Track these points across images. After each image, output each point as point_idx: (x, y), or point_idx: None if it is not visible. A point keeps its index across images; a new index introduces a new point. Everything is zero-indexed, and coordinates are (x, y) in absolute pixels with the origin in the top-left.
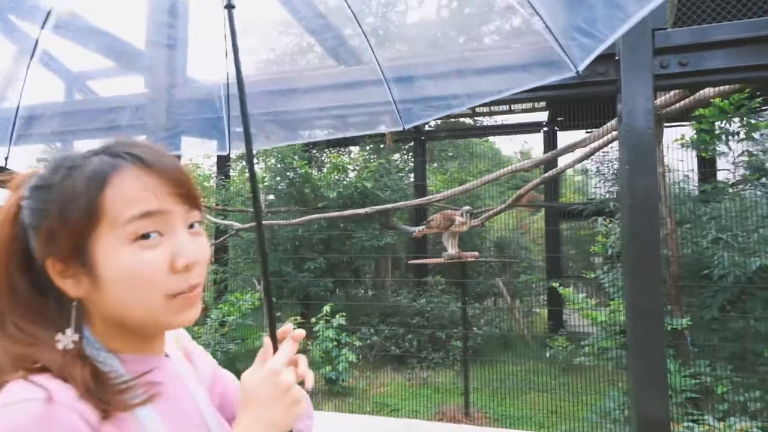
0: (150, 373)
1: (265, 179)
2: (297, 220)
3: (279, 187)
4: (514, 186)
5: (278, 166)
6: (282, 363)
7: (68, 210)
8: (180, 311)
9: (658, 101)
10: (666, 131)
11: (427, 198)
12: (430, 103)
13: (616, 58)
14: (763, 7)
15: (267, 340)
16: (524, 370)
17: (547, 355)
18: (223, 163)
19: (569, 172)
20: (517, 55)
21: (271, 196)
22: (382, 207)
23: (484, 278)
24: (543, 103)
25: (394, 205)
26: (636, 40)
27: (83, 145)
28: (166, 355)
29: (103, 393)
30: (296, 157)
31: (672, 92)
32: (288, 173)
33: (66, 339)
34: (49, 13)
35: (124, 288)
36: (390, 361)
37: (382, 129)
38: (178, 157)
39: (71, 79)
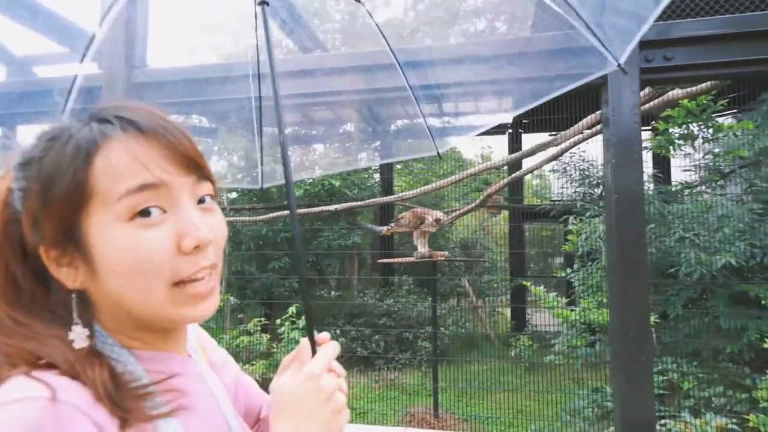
0: (174, 376)
1: (227, 176)
2: (262, 216)
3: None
4: (476, 188)
5: (242, 163)
6: (323, 367)
7: (50, 188)
8: (191, 302)
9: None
10: None
11: (395, 196)
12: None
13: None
14: (753, 2)
15: (305, 342)
16: (490, 369)
17: (512, 354)
18: None
19: (527, 176)
20: (557, 54)
21: (234, 194)
22: (351, 204)
23: (450, 278)
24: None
25: (363, 202)
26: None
27: (27, 130)
28: (189, 356)
29: (122, 398)
30: None
31: (642, 93)
32: None
33: (78, 335)
34: None
35: (122, 274)
36: (356, 362)
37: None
38: None
39: (15, 63)
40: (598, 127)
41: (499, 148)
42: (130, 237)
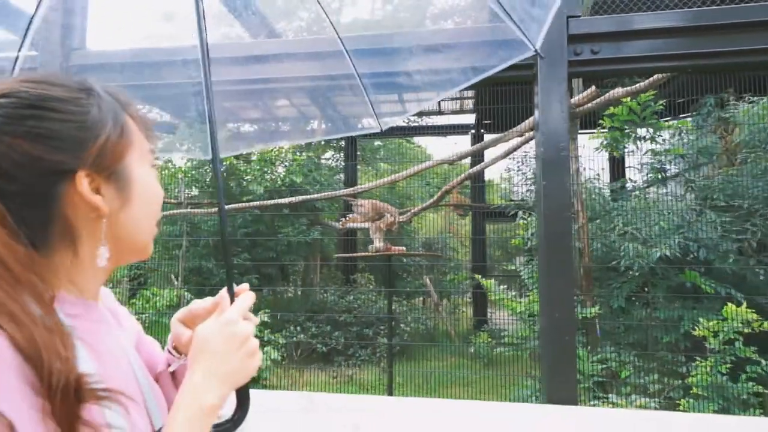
0: (84, 316)
1: (189, 172)
2: (215, 209)
3: (201, 178)
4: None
5: (202, 157)
6: (239, 313)
7: (117, 126)
8: (152, 240)
9: (573, 99)
10: (581, 137)
11: (352, 189)
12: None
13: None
14: None
15: (224, 292)
16: (448, 365)
17: (471, 350)
18: None
19: (495, 179)
20: (480, 42)
21: (195, 191)
22: (307, 197)
23: (413, 277)
24: (471, 105)
25: (319, 195)
26: (552, 26)
27: None
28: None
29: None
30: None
31: (585, 92)
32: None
33: (102, 255)
34: None
35: (148, 203)
36: (316, 359)
37: (361, 131)
38: None
39: None
40: None
41: (463, 148)
42: (154, 179)
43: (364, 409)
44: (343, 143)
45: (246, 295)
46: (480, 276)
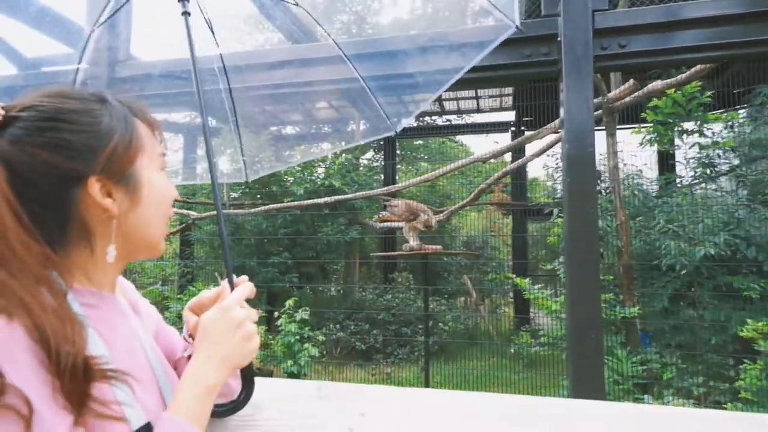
0: (98, 306)
1: (229, 173)
2: (256, 209)
3: (244, 182)
4: (488, 189)
5: (226, 158)
6: (235, 300)
7: (127, 134)
8: (164, 238)
9: (610, 94)
10: (623, 132)
11: (387, 188)
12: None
13: (559, 39)
14: None
15: (224, 283)
16: (487, 365)
17: (512, 350)
18: (188, 157)
19: (540, 176)
20: (466, 30)
21: (235, 194)
22: (343, 197)
23: (454, 276)
24: (510, 102)
25: (355, 195)
26: (576, 22)
27: None
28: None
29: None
30: None
31: (623, 86)
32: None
33: (111, 253)
34: None
35: (157, 204)
36: (355, 356)
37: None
38: None
39: (26, 65)
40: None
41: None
42: (164, 181)
43: (372, 397)
44: (382, 143)
45: (243, 286)
46: (513, 275)
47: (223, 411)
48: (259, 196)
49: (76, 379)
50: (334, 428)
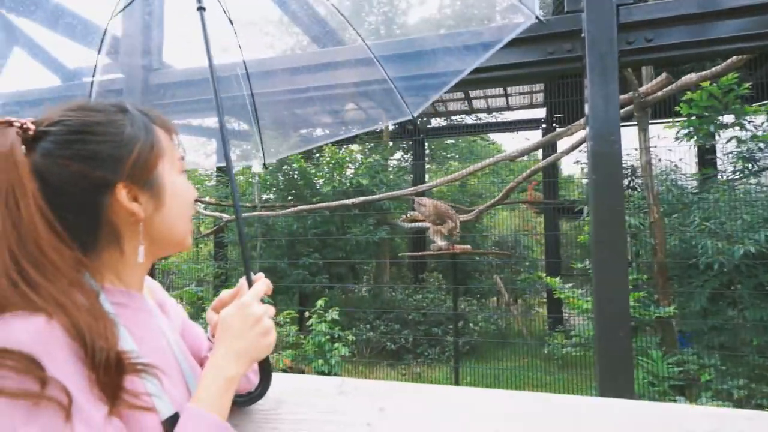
0: (128, 304)
1: (262, 175)
2: (285, 211)
3: (276, 182)
4: (521, 188)
5: (274, 161)
6: (253, 297)
7: (148, 141)
8: (190, 234)
9: (642, 88)
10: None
11: (413, 188)
12: (426, 82)
13: (582, 35)
14: None
15: (242, 281)
16: (519, 366)
17: (545, 351)
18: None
19: (576, 173)
20: (482, 18)
21: (267, 195)
22: (370, 198)
23: (485, 276)
24: (541, 99)
25: (382, 195)
26: (600, 17)
27: None
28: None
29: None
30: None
31: (656, 80)
32: (284, 167)
33: (141, 253)
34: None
35: (180, 206)
36: (385, 356)
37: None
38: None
39: (68, 75)
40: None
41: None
42: (185, 183)
43: (391, 393)
44: (410, 143)
45: (260, 282)
46: (543, 274)
47: (242, 402)
48: (290, 198)
49: (109, 372)
50: (353, 423)
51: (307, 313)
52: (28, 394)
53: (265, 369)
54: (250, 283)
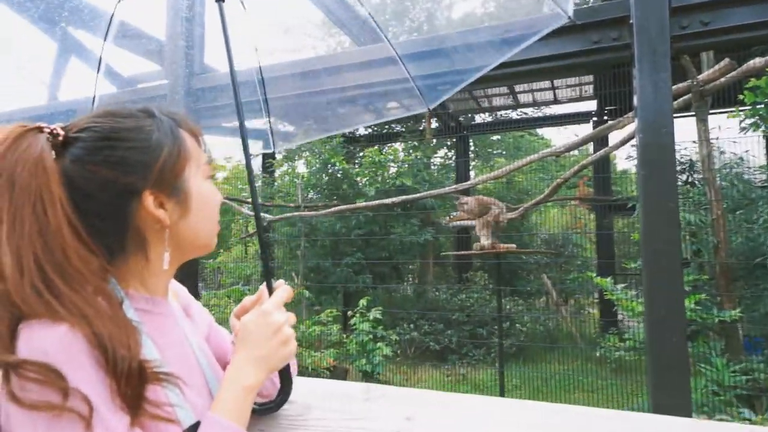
0: (152, 311)
1: (304, 176)
2: (327, 210)
3: (319, 183)
4: (571, 184)
5: (317, 162)
6: (275, 305)
7: (175, 146)
8: (215, 235)
9: (701, 76)
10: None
11: (457, 186)
12: (445, 79)
13: (630, 21)
14: None
15: (263, 287)
16: (570, 369)
17: (597, 354)
18: (266, 162)
19: (631, 168)
20: (513, 15)
21: (311, 195)
22: (412, 197)
23: (533, 276)
24: (590, 91)
25: (424, 194)
26: (650, 1)
27: None
28: (168, 302)
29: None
30: (334, 152)
31: (717, 66)
32: (328, 168)
33: (166, 259)
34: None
35: (207, 211)
36: (429, 357)
37: (407, 112)
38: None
39: (124, 83)
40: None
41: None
42: (211, 188)
43: (419, 401)
44: (454, 140)
45: (282, 289)
46: (594, 274)
47: (262, 410)
48: (334, 198)
49: (131, 381)
50: (379, 430)
51: (349, 313)
52: (50, 405)
53: (285, 378)
54: (271, 290)
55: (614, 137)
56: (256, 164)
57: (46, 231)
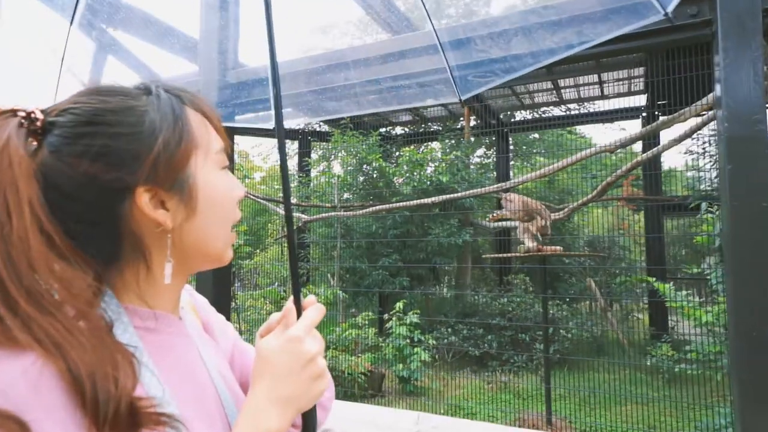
0: (156, 329)
1: (340, 176)
2: (363, 210)
3: (355, 182)
4: (615, 183)
5: (353, 160)
6: (306, 330)
7: (176, 130)
8: (230, 246)
9: None
10: None
11: (498, 185)
12: (490, 68)
13: None
14: None
15: (290, 305)
16: (619, 379)
17: (648, 363)
18: (302, 162)
19: (679, 166)
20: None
21: (347, 195)
22: (449, 196)
23: (576, 279)
24: (641, 85)
25: (464, 193)
26: None
27: None
28: (180, 318)
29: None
30: (371, 151)
31: None
32: (365, 166)
33: (168, 273)
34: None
35: (215, 211)
36: (468, 362)
37: (437, 101)
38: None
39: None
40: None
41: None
42: (225, 180)
43: None
44: (494, 138)
45: (314, 309)
46: (654, 279)
47: None
48: (370, 198)
49: (119, 426)
50: None
51: (386, 316)
52: None
53: (310, 417)
54: (300, 309)
55: (664, 133)
56: (292, 164)
57: (8, 240)
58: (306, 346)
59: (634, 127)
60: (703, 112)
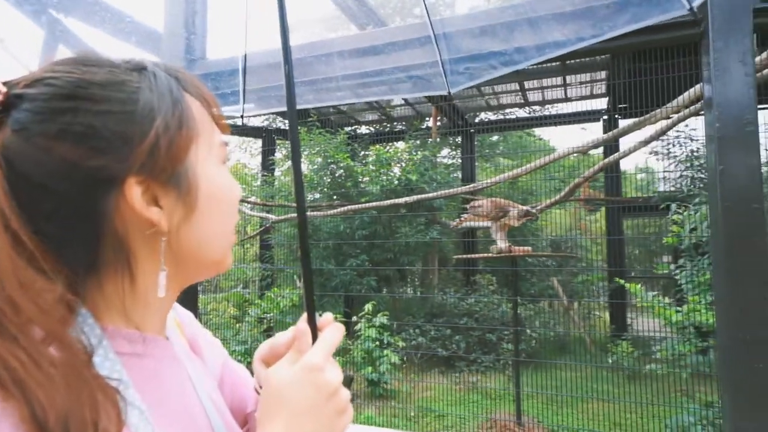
0: (143, 354)
1: (307, 176)
2: (334, 210)
3: (321, 182)
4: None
5: (319, 159)
6: (325, 357)
7: (175, 114)
8: (231, 249)
9: (759, 58)
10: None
11: (470, 186)
12: (487, 61)
13: None
14: None
15: (303, 325)
16: (583, 376)
17: (610, 361)
18: (267, 161)
19: (632, 169)
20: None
21: (317, 195)
22: (422, 196)
23: (537, 278)
24: (603, 89)
25: (435, 194)
26: None
27: None
28: (166, 338)
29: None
30: (338, 150)
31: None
32: (331, 165)
33: (162, 284)
34: None
35: (218, 211)
36: (437, 363)
37: (426, 93)
38: None
39: None
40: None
41: (593, 136)
42: (227, 177)
43: None
44: (459, 139)
45: (333, 330)
46: (620, 279)
47: None
48: (336, 198)
49: None
50: None
51: (354, 318)
52: None
53: None
54: (315, 331)
55: (631, 136)
56: (256, 163)
57: None
58: (328, 376)
59: (595, 129)
60: (672, 115)
